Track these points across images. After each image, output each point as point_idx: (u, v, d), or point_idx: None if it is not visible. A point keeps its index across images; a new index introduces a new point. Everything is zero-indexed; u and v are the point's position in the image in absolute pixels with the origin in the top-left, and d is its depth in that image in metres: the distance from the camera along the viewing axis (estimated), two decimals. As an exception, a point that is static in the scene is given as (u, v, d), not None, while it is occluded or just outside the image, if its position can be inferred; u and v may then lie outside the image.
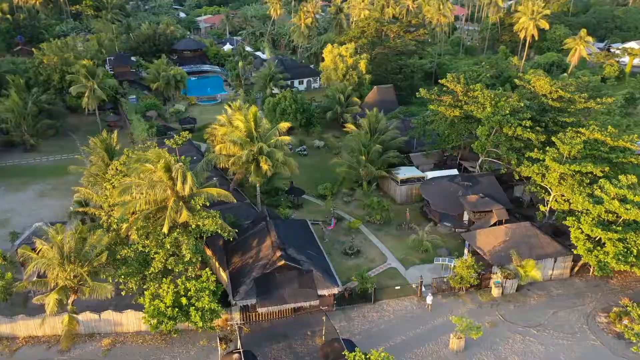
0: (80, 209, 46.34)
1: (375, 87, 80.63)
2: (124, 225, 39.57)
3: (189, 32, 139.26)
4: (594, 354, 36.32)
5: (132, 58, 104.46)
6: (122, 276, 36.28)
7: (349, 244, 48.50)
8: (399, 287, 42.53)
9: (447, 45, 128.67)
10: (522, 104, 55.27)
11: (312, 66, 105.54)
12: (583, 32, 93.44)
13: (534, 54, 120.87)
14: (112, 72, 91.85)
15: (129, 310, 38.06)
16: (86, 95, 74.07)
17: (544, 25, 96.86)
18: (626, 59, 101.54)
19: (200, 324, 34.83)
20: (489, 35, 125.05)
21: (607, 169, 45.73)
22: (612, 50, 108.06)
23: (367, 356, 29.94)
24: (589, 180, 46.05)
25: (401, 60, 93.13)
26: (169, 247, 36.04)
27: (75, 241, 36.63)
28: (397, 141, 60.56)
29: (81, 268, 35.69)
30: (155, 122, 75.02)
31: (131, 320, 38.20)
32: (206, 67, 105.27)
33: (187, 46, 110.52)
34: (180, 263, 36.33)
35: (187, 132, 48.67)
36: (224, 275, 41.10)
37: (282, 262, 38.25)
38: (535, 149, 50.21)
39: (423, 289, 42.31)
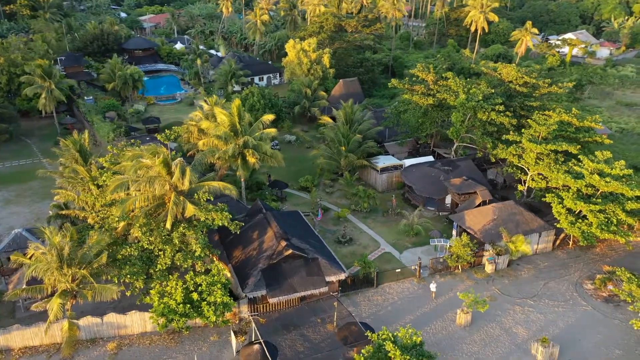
0: (64, 212, 44.01)
1: (341, 80, 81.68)
2: (121, 224, 38.22)
3: (133, 32, 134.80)
4: (588, 318, 38.77)
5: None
6: (128, 276, 34.90)
7: (341, 232, 49.01)
8: (399, 270, 43.49)
9: (397, 40, 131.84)
10: (493, 91, 57.88)
11: (269, 62, 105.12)
12: (528, 24, 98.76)
13: (479, 47, 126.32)
14: (64, 73, 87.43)
15: (134, 311, 36.73)
16: (43, 96, 70.22)
17: (493, 17, 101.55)
18: (566, 49, 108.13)
19: (214, 319, 34.19)
20: (436, 30, 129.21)
21: (578, 147, 48.83)
22: (550, 41, 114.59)
23: (395, 334, 30.55)
24: (563, 159, 49.03)
25: (360, 55, 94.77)
26: (177, 243, 35.08)
27: (73, 243, 34.96)
28: (372, 131, 61.76)
29: (81, 271, 34.06)
30: (118, 122, 72.28)
31: (136, 322, 36.86)
32: (161, 66, 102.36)
33: (137, 45, 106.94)
34: (189, 258, 35.44)
35: (154, 131, 47.51)
36: (225, 269, 40.41)
37: (289, 251, 38.17)
38: (511, 132, 52.87)
39: (422, 270, 43.54)
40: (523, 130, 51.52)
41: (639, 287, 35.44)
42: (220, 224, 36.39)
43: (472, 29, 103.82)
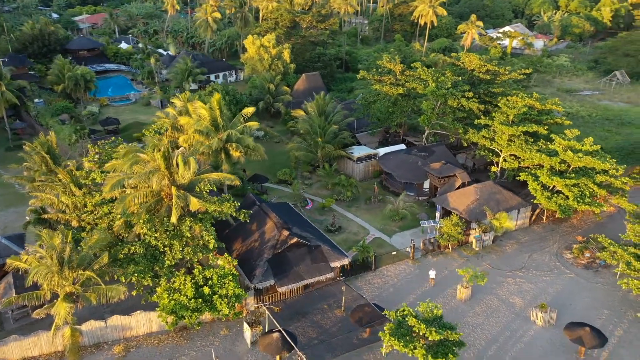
0: (48, 216, 41.70)
1: (303, 74, 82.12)
2: (117, 223, 36.90)
3: (70, 33, 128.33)
4: (573, 284, 41.57)
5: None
6: (135, 274, 33.72)
7: (330, 221, 49.54)
8: (395, 253, 44.65)
9: (344, 36, 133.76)
10: (460, 78, 60.44)
11: (223, 60, 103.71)
12: (473, 17, 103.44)
13: (427, 41, 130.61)
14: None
15: (139, 311, 35.52)
16: (-8, 99, 65.80)
17: (442, 11, 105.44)
18: (506, 41, 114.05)
19: (227, 311, 33.72)
20: (383, 26, 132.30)
21: (545, 127, 52.07)
22: (491, 34, 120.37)
23: (416, 308, 31.49)
24: (532, 139, 52.12)
25: (315, 50, 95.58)
26: (189, 236, 34.29)
27: (71, 245, 33.32)
28: (344, 122, 62.70)
29: (86, 272, 32.57)
30: (78, 124, 69.03)
31: (141, 322, 35.69)
32: (112, 66, 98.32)
33: (81, 45, 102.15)
34: (200, 251, 34.75)
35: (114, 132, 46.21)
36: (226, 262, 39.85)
37: (294, 239, 38.31)
38: (483, 116, 55.49)
39: (416, 252, 44.92)
40: (494, 114, 54.21)
41: (623, 250, 38.42)
42: (229, 214, 35.90)
43: (422, 22, 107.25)
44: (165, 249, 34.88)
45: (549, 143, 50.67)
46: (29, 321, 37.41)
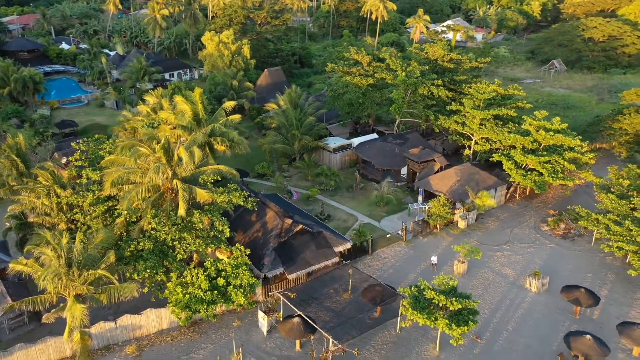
0: (34, 219, 39.58)
1: (266, 70, 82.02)
2: (119, 220, 35.81)
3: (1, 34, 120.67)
4: (555, 253, 44.58)
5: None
6: (148, 270, 32.85)
7: (319, 210, 50.13)
8: (389, 235, 45.98)
9: (293, 33, 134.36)
10: (427, 68, 62.78)
11: (176, 58, 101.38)
12: (420, 11, 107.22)
13: (368, 36, 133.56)
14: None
15: (149, 309, 34.61)
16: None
17: (392, 6, 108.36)
18: (450, 35, 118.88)
19: (242, 301, 33.58)
20: (330, 22, 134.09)
21: (513, 110, 55.22)
22: (433, 29, 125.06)
23: (432, 282, 32.82)
24: (502, 122, 55.14)
25: (270, 47, 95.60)
26: (201, 227, 33.79)
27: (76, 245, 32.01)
28: (317, 114, 63.39)
29: (98, 271, 31.41)
30: (40, 127, 65.54)
31: (152, 320, 34.80)
32: (58, 68, 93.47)
33: (21, 46, 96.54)
34: (212, 243, 34.35)
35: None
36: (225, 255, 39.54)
37: (300, 226, 38.68)
38: (453, 103, 57.98)
39: (409, 235, 46.49)
40: (463, 99, 56.80)
41: (603, 216, 41.73)
42: (238, 204, 35.71)
43: (374, 17, 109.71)
44: (174, 243, 34.20)
45: (517, 125, 53.85)
46: (26, 330, 35.56)
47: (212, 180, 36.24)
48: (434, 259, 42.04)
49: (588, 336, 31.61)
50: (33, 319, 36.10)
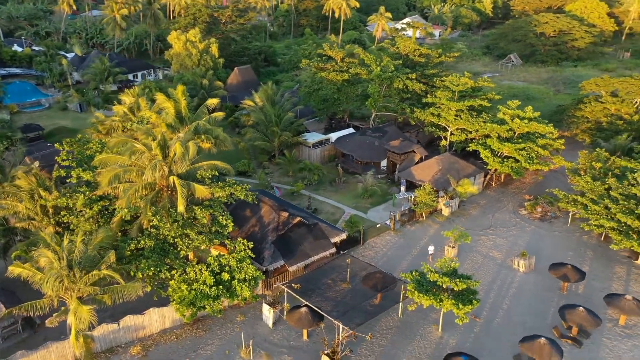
0: (16, 224, 38.09)
1: (235, 68, 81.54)
2: (115, 219, 35.11)
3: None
4: (536, 235, 46.76)
5: None
6: (152, 268, 32.33)
7: (306, 204, 50.50)
8: (379, 225, 46.94)
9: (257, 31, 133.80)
10: (401, 62, 64.28)
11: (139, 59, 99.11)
12: (382, 9, 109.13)
13: (330, 34, 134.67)
14: None
15: (152, 308, 34.07)
16: None
17: (354, 4, 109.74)
18: (410, 32, 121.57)
19: (248, 294, 33.62)
20: (291, 21, 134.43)
21: (486, 101, 57.43)
22: (393, 27, 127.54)
23: (434, 265, 33.89)
24: (476, 113, 57.23)
25: (236, 45, 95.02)
26: (205, 222, 33.54)
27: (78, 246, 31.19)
28: (293, 110, 63.71)
29: (102, 271, 30.73)
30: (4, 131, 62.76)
31: (155, 320, 34.28)
32: (14, 70, 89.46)
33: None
34: (214, 238, 34.16)
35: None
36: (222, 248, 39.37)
37: (298, 219, 38.99)
38: (429, 95, 59.63)
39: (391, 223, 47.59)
40: (438, 92, 58.52)
41: (582, 196, 44.19)
42: (240, 197, 35.68)
43: (337, 15, 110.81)
44: (176, 240, 33.82)
45: (490, 115, 56.05)
46: (20, 338, 34.27)
47: (210, 176, 36.01)
48: (431, 249, 43.09)
49: (581, 308, 33.52)
50: (26, 327, 34.83)
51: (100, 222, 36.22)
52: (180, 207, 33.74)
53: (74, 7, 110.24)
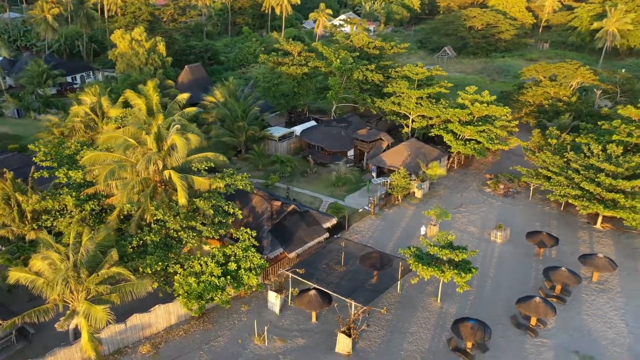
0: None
1: (186, 66, 79.89)
2: (111, 217, 34.07)
3: None
4: (503, 209, 50.12)
5: None
6: (160, 262, 31.66)
7: (285, 194, 50.91)
8: (362, 210, 48.35)
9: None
10: (358, 54, 66.07)
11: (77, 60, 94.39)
12: (322, 5, 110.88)
13: (266, 32, 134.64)
14: None
15: (157, 305, 33.32)
16: None
17: (295, 1, 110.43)
18: (347, 28, 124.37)
19: (255, 282, 33.81)
20: (229, 19, 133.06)
21: (444, 87, 60.52)
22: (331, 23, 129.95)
23: (433, 239, 35.65)
24: (434, 100, 60.17)
25: (179, 44, 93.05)
26: (211, 212, 33.23)
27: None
28: (256, 105, 63.78)
29: (113, 269, 29.81)
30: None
31: (160, 317, 33.55)
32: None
33: None
34: (220, 228, 33.96)
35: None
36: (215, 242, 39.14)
37: (292, 206, 39.47)
38: (389, 85, 61.83)
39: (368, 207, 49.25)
40: (398, 82, 60.86)
41: (545, 170, 47.99)
42: (241, 187, 35.65)
43: (278, 11, 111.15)
44: (179, 233, 33.31)
45: (449, 101, 59.21)
46: (15, 349, 32.34)
47: (207, 168, 35.73)
48: (422, 230, 44.91)
49: (563, 268, 36.70)
50: (20, 338, 32.89)
51: (90, 222, 34.87)
52: (183, 200, 33.28)
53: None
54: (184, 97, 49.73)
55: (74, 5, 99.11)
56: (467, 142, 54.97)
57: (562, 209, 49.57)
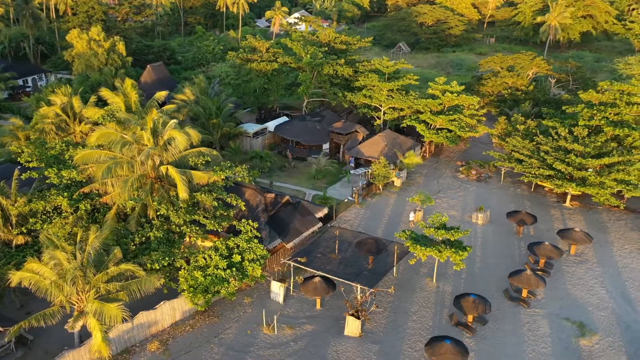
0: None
1: (148, 65, 78.08)
2: (109, 215, 33.41)
3: None
4: (479, 193, 52.46)
5: None
6: (167, 258, 31.32)
7: (268, 188, 51.07)
8: (347, 200, 49.26)
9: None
10: (327, 49, 67.00)
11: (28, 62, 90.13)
12: (278, 3, 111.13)
13: (220, 32, 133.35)
14: None
15: (163, 301, 32.91)
16: None
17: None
18: (302, 26, 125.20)
19: (259, 273, 34.04)
20: (181, 19, 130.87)
21: (414, 80, 62.47)
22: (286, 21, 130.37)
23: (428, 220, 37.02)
24: (405, 92, 62.03)
25: (137, 43, 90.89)
26: (215, 204, 33.11)
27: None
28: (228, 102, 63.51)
29: (123, 266, 29.28)
30: None
31: (166, 313, 33.16)
32: None
33: None
34: (223, 220, 33.91)
35: None
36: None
37: (286, 197, 39.86)
38: (360, 79, 63.12)
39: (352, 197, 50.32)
40: (370, 75, 62.27)
41: (517, 154, 50.63)
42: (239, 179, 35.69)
43: (234, 10, 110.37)
44: (182, 228, 33.05)
45: (416, 92, 61.25)
46: (14, 357, 31.07)
47: (203, 162, 35.57)
48: (412, 216, 46.22)
49: (547, 243, 39.10)
50: (19, 346, 31.63)
51: (84, 223, 33.98)
52: (184, 194, 33.08)
53: None
54: (162, 95, 49.09)
55: (18, 5, 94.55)
56: (439, 131, 57.08)
57: (532, 190, 52.48)
